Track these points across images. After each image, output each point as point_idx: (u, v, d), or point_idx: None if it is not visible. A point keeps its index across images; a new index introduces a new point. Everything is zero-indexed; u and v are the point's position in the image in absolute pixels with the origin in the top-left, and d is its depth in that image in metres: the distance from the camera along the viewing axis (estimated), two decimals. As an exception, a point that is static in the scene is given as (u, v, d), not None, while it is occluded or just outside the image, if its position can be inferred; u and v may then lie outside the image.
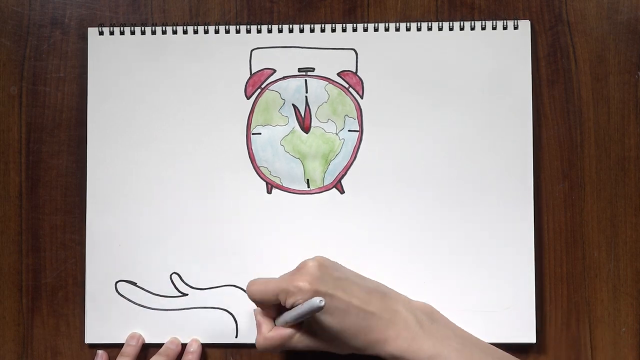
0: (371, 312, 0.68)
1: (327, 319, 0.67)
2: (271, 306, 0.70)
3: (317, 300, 0.64)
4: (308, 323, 0.69)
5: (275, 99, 0.77)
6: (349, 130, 0.77)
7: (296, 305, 0.67)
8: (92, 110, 0.77)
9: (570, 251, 0.77)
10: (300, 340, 0.69)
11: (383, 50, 0.77)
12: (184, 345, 0.76)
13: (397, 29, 0.77)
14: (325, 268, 0.69)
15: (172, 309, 0.77)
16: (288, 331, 0.69)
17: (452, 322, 0.72)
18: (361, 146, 0.77)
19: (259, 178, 0.77)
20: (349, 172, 0.77)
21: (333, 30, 0.77)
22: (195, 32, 0.77)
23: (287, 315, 0.68)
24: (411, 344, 0.68)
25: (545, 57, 0.77)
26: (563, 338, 0.76)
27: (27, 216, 0.78)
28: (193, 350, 0.76)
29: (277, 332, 0.69)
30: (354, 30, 0.77)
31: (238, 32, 0.77)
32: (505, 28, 0.76)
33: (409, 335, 0.68)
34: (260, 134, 0.77)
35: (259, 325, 0.71)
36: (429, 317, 0.71)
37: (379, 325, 0.68)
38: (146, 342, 0.77)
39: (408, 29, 0.77)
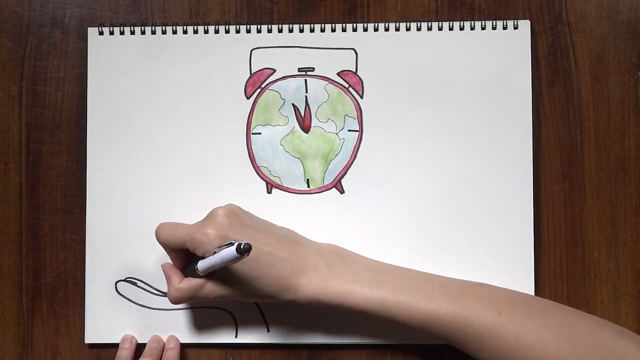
0: (282, 257, 0.69)
1: (238, 267, 0.67)
2: (180, 257, 0.71)
3: (240, 246, 0.63)
4: (219, 272, 0.69)
5: (275, 98, 0.77)
6: (348, 130, 0.77)
7: (206, 254, 0.67)
8: (92, 110, 0.77)
9: (570, 251, 0.77)
10: (211, 290, 0.69)
11: (383, 50, 0.77)
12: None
13: (397, 29, 0.77)
14: (235, 216, 0.69)
15: (172, 309, 0.76)
16: (199, 281, 0.69)
17: (361, 256, 0.73)
18: (361, 146, 0.77)
19: (259, 178, 0.77)
20: (349, 172, 0.77)
21: (333, 30, 0.77)
22: (195, 32, 0.77)
23: (207, 262, 0.67)
24: (324, 286, 0.69)
25: (545, 57, 0.77)
26: (563, 338, 0.76)
27: (27, 216, 0.78)
28: (172, 347, 0.75)
29: (188, 283, 0.70)
30: (354, 30, 0.77)
31: (238, 32, 0.77)
32: (505, 28, 0.76)
33: (321, 278, 0.69)
34: (260, 133, 0.77)
35: (169, 278, 0.71)
36: (338, 256, 0.72)
37: (291, 271, 0.69)
38: (146, 342, 0.76)
39: (408, 29, 0.77)
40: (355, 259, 0.73)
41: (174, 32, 0.77)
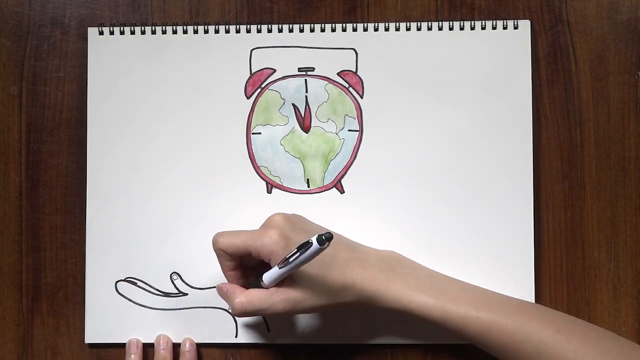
0: (343, 258, 0.69)
1: (306, 269, 0.67)
2: (236, 268, 0.70)
3: (322, 236, 0.63)
4: (285, 282, 0.68)
5: (275, 98, 0.77)
6: (349, 130, 0.77)
7: (272, 259, 0.67)
8: (92, 110, 0.77)
9: (570, 251, 0.77)
10: (280, 299, 0.68)
11: (383, 50, 0.77)
12: (177, 345, 0.76)
13: (397, 29, 0.77)
14: (291, 221, 0.69)
15: (172, 309, 0.77)
16: (267, 290, 0.69)
17: (421, 265, 0.73)
18: (361, 146, 0.77)
19: (259, 178, 0.77)
20: (349, 171, 0.77)
21: (333, 30, 0.77)
22: (195, 32, 0.77)
23: (275, 272, 0.67)
24: (385, 286, 0.69)
25: (545, 57, 0.77)
26: (563, 338, 0.76)
27: (27, 216, 0.78)
28: (188, 350, 0.75)
29: (259, 292, 0.69)
30: (354, 30, 0.77)
31: (238, 32, 0.77)
32: (505, 28, 0.76)
33: (383, 278, 0.69)
34: (260, 133, 0.77)
35: (230, 292, 0.70)
36: (398, 262, 0.72)
37: (353, 269, 0.69)
38: (146, 342, 0.76)
39: (408, 29, 0.77)
40: (416, 266, 0.73)
41: (174, 32, 0.77)
